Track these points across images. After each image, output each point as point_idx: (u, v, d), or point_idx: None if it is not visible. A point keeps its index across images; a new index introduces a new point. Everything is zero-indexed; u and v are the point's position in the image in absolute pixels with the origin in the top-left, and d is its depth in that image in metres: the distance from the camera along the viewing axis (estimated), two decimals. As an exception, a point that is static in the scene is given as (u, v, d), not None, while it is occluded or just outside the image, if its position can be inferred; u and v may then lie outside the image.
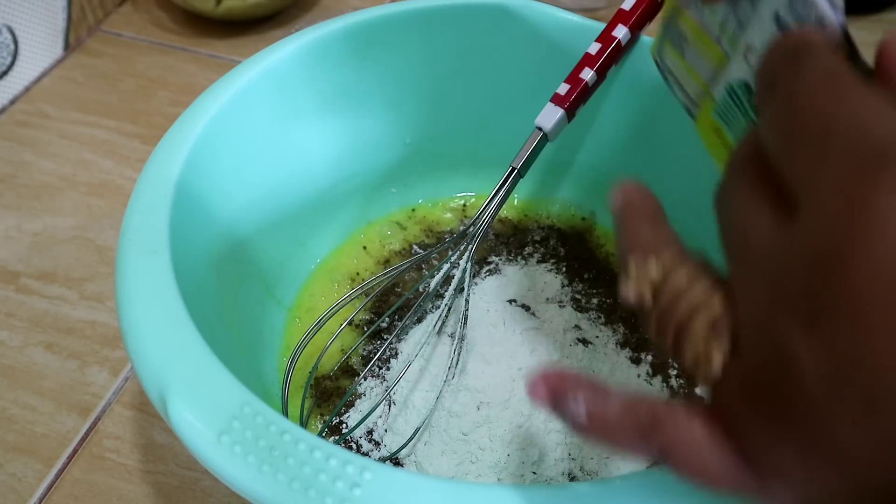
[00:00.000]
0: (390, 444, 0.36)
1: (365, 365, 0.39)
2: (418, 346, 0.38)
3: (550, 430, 0.35)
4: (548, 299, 0.41)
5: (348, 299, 0.39)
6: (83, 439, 0.40)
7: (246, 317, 0.38)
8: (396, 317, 0.41)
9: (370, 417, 0.36)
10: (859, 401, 0.15)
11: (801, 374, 0.16)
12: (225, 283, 0.36)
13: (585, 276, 0.43)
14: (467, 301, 0.39)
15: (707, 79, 0.25)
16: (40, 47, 0.60)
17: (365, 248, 0.45)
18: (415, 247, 0.45)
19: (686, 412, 0.19)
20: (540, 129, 0.37)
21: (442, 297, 0.41)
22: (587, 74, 0.37)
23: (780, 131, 0.17)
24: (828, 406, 0.15)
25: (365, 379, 0.38)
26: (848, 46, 0.20)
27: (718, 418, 0.18)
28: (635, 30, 0.38)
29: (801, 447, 0.16)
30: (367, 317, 0.41)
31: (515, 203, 0.47)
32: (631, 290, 0.20)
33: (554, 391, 0.20)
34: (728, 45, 0.24)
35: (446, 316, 0.39)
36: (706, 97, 0.25)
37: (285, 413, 0.36)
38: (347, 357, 0.39)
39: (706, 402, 0.19)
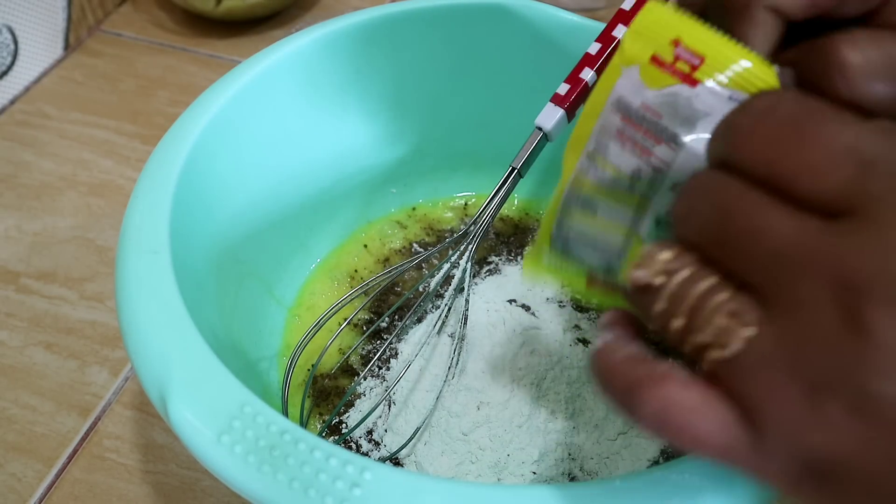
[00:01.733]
0: (390, 444, 0.36)
1: (365, 365, 0.39)
2: (418, 346, 0.38)
3: (550, 431, 0.35)
4: (548, 299, 0.41)
5: (348, 299, 0.39)
6: (83, 439, 0.40)
7: (246, 316, 0.38)
8: (396, 317, 0.41)
9: (370, 417, 0.36)
10: None
11: (875, 342, 0.16)
12: (225, 283, 0.36)
13: (585, 276, 0.43)
14: (467, 301, 0.39)
15: (629, 223, 0.24)
16: (40, 47, 0.60)
17: (366, 246, 0.45)
18: (415, 245, 0.45)
19: (686, 379, 0.19)
20: (540, 129, 0.37)
21: (442, 296, 0.41)
22: (587, 74, 0.37)
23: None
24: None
25: (365, 379, 0.38)
26: None
27: (726, 386, 0.18)
28: (635, 30, 0.38)
29: (851, 410, 0.16)
30: (366, 316, 0.41)
31: (516, 203, 0.47)
32: (642, 273, 0.20)
33: (611, 322, 0.22)
34: (646, 190, 0.23)
35: (446, 316, 0.39)
36: (632, 239, 0.24)
37: (285, 413, 0.36)
38: (347, 357, 0.39)
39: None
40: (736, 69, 0.21)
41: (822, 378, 0.17)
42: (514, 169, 0.37)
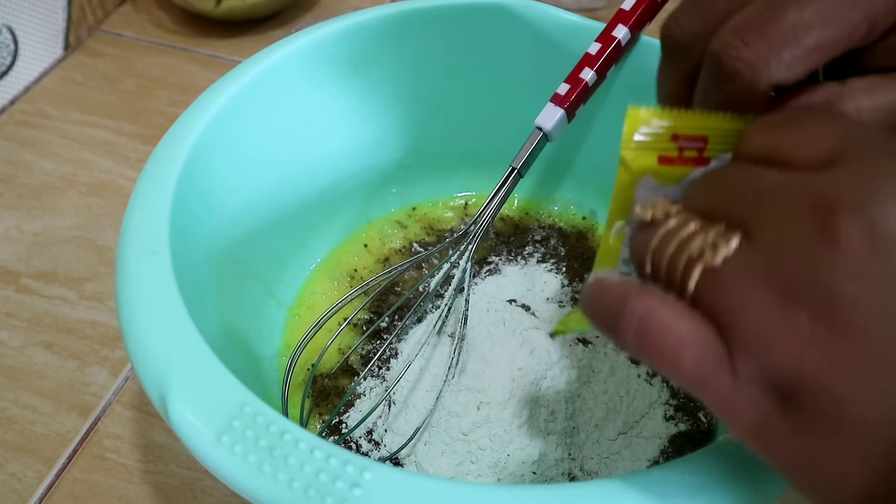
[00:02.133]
0: (390, 444, 0.36)
1: (365, 365, 0.39)
2: (418, 346, 0.38)
3: (550, 431, 0.35)
4: (548, 299, 0.41)
5: (348, 299, 0.39)
6: (83, 439, 0.40)
7: (246, 316, 0.38)
8: (396, 317, 0.41)
9: (370, 417, 0.36)
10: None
11: (841, 245, 0.17)
12: (225, 283, 0.36)
13: (585, 276, 0.43)
14: (467, 301, 0.39)
15: None
16: (40, 47, 0.60)
17: (366, 245, 0.45)
18: (415, 245, 0.45)
19: (674, 301, 0.20)
20: (540, 129, 0.37)
21: (442, 296, 0.41)
22: (587, 74, 0.37)
23: None
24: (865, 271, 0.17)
25: (365, 379, 0.38)
26: None
27: (706, 305, 0.19)
28: (635, 30, 0.38)
29: (817, 316, 0.17)
30: (366, 316, 0.41)
31: (516, 203, 0.47)
32: (648, 211, 0.22)
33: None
34: None
35: (446, 316, 0.39)
36: None
37: (285, 413, 0.36)
38: (347, 357, 0.39)
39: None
40: (736, 135, 0.23)
41: (793, 284, 0.18)
42: (514, 169, 0.38)
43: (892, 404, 0.17)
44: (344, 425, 0.37)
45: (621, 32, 0.38)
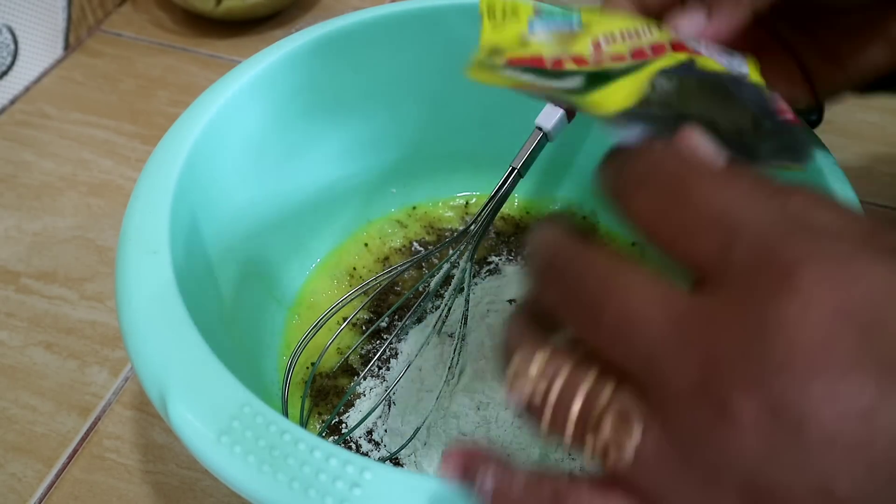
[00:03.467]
0: (390, 444, 0.36)
1: (365, 365, 0.39)
2: (418, 346, 0.38)
3: (550, 430, 0.35)
4: (548, 299, 0.41)
5: (348, 299, 0.39)
6: (83, 439, 0.40)
7: (246, 316, 0.38)
8: (396, 317, 0.41)
9: (370, 417, 0.36)
10: (796, 448, 0.15)
11: (743, 428, 0.16)
12: (225, 283, 0.36)
13: (585, 275, 0.42)
14: (467, 301, 0.39)
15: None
16: (40, 47, 0.60)
17: (366, 244, 0.45)
18: (415, 244, 0.45)
19: (590, 487, 0.19)
20: (540, 128, 0.37)
21: (442, 296, 0.41)
22: (587, 74, 0.37)
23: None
24: (769, 450, 0.15)
25: (365, 379, 0.38)
26: None
27: (629, 491, 0.18)
28: (635, 29, 0.38)
29: (743, 499, 0.16)
30: (366, 316, 0.41)
31: (516, 203, 0.47)
32: (519, 394, 0.19)
33: (464, 467, 0.20)
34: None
35: (446, 316, 0.39)
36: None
37: (285, 413, 0.36)
38: (347, 357, 0.39)
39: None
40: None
41: (711, 471, 0.16)
42: (514, 169, 0.37)
43: None
44: (344, 425, 0.37)
45: (621, 32, 0.38)
